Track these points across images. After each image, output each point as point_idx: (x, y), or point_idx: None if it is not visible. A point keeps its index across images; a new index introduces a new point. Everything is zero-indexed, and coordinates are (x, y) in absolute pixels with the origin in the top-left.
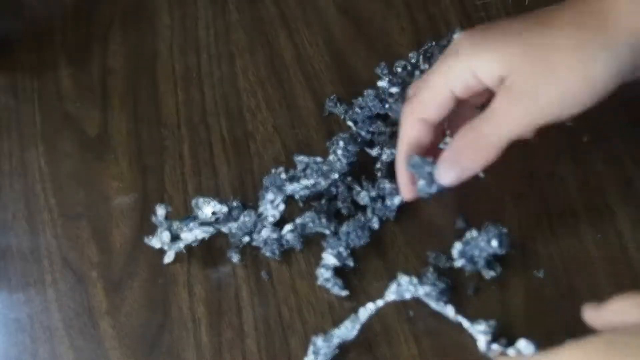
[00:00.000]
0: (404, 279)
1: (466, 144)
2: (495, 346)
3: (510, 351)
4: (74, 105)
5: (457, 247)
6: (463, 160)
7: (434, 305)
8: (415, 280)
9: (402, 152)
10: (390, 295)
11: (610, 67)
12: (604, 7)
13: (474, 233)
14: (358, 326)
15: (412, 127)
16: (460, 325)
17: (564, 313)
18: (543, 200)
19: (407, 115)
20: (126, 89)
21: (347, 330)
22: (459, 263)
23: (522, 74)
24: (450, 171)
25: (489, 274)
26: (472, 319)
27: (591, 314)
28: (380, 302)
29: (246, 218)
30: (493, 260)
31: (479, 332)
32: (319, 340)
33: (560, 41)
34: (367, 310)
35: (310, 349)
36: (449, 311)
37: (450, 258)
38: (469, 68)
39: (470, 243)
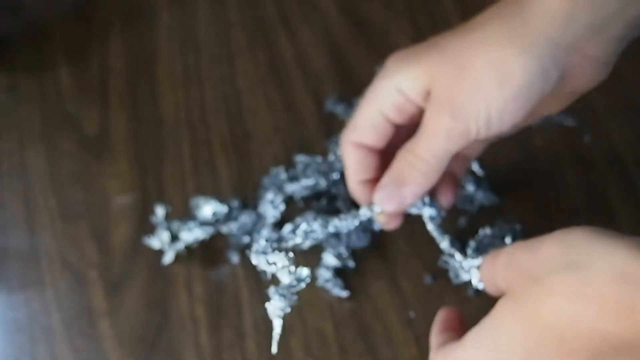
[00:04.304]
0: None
1: (403, 168)
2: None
3: None
4: (74, 105)
5: (472, 244)
6: (402, 186)
7: (431, 228)
8: (428, 200)
9: (350, 181)
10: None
11: (528, 62)
12: (524, 4)
13: (487, 230)
14: (355, 223)
15: (352, 153)
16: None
17: None
18: (543, 200)
19: (344, 141)
20: (126, 89)
21: (344, 222)
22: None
23: (443, 82)
24: (391, 199)
25: None
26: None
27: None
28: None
29: (246, 218)
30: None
31: (473, 268)
32: (315, 224)
33: (477, 43)
34: (370, 211)
35: (303, 224)
36: (444, 243)
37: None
38: (395, 86)
39: (484, 240)
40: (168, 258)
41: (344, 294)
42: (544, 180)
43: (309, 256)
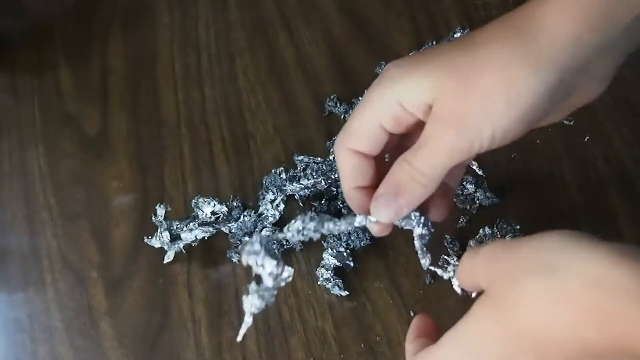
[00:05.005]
0: (414, 213)
1: (401, 178)
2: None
3: None
4: (74, 105)
5: (472, 244)
6: (400, 196)
7: (417, 246)
8: (422, 219)
9: (345, 187)
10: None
11: (536, 86)
12: (532, 24)
13: (487, 230)
14: (349, 228)
15: (346, 159)
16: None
17: None
18: (543, 200)
19: (339, 147)
20: (126, 89)
21: (338, 225)
22: None
23: (448, 98)
24: (387, 209)
25: None
26: None
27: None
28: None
29: (246, 218)
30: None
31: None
32: (310, 223)
33: (485, 61)
34: (365, 219)
35: (299, 220)
36: (425, 261)
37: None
38: (395, 98)
39: (484, 240)
40: (168, 258)
41: (344, 293)
42: (543, 180)
43: (309, 256)
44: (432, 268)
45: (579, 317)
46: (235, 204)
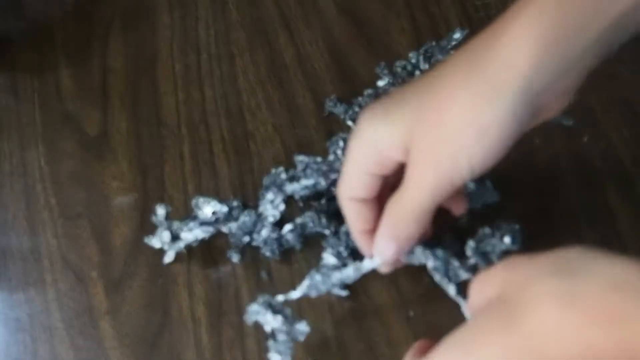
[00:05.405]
0: (419, 248)
1: (395, 217)
2: None
3: None
4: (74, 105)
5: (471, 244)
6: (399, 233)
7: (438, 278)
8: (428, 252)
9: (353, 232)
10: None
11: (502, 116)
12: (492, 54)
13: (486, 230)
14: (358, 275)
15: (349, 207)
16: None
17: None
18: (542, 199)
19: (340, 197)
20: (126, 89)
21: (346, 274)
22: (472, 260)
23: (422, 142)
24: (390, 246)
25: None
26: None
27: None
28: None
29: (246, 218)
30: (505, 257)
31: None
32: (317, 275)
33: (451, 97)
34: (372, 262)
35: (307, 279)
36: (451, 289)
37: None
38: (373, 146)
39: (483, 240)
40: (168, 258)
41: (344, 293)
42: (542, 180)
43: (308, 256)
44: (459, 299)
45: (588, 318)
46: (235, 204)
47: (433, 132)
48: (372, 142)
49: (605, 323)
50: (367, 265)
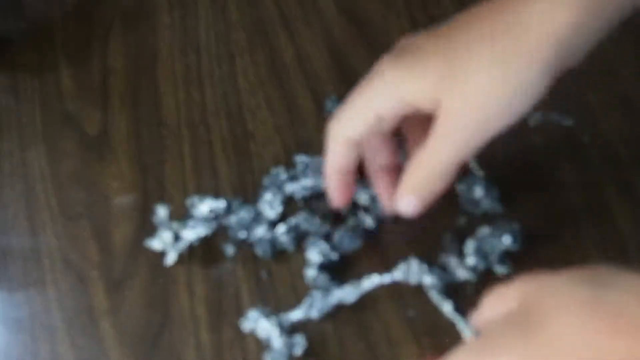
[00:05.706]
0: (415, 261)
1: (421, 173)
2: None
3: None
4: (74, 105)
5: (470, 244)
6: (422, 188)
7: (434, 297)
8: (425, 267)
9: (329, 170)
10: (398, 274)
11: (531, 83)
12: (518, 16)
13: (486, 230)
14: (358, 292)
15: (339, 147)
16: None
17: None
18: (541, 199)
19: (333, 134)
20: (126, 89)
21: (346, 293)
22: (471, 260)
23: (449, 99)
24: (413, 201)
25: (501, 270)
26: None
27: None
28: (386, 278)
29: (245, 213)
30: (505, 257)
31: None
32: (317, 295)
33: (477, 58)
34: (371, 281)
35: (308, 300)
36: (447, 307)
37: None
38: (398, 95)
39: (483, 240)
40: (170, 259)
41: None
42: (542, 179)
43: (303, 256)
44: (455, 316)
45: (611, 327)
46: (234, 200)
47: (462, 94)
48: (395, 89)
49: (628, 332)
50: (367, 284)
